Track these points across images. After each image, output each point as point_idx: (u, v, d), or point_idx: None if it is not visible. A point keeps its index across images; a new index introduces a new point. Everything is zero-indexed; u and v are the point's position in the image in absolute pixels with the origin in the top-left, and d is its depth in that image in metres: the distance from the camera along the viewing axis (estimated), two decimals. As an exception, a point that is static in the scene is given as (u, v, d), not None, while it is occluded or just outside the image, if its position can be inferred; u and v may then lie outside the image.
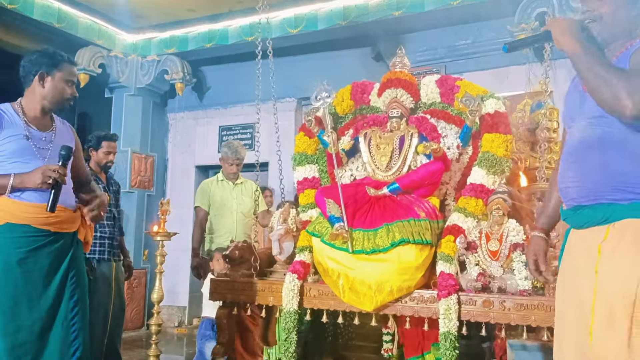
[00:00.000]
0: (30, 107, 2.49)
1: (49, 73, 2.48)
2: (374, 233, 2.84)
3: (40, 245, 2.41)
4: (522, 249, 2.69)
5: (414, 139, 3.20)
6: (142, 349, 5.53)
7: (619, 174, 1.64)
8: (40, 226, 2.40)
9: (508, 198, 2.85)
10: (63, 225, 2.48)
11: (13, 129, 2.40)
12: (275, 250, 3.30)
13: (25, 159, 2.39)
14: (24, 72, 2.50)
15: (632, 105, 1.52)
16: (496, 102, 3.13)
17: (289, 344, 2.99)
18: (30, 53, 2.54)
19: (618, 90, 1.54)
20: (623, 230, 1.61)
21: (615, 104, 1.55)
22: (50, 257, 2.44)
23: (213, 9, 6.37)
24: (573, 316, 1.72)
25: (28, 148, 2.42)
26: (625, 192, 1.62)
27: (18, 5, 5.64)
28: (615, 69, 1.61)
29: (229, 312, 3.28)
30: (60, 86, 2.51)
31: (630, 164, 1.62)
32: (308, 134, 3.55)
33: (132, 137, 7.13)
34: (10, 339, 2.30)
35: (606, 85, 1.57)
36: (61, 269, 2.48)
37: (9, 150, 2.38)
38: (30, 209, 2.37)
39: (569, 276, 1.80)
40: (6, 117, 2.42)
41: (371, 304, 2.77)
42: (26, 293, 2.35)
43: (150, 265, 6.91)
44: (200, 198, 4.60)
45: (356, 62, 6.49)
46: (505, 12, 5.32)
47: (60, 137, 2.56)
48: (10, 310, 2.31)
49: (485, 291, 2.68)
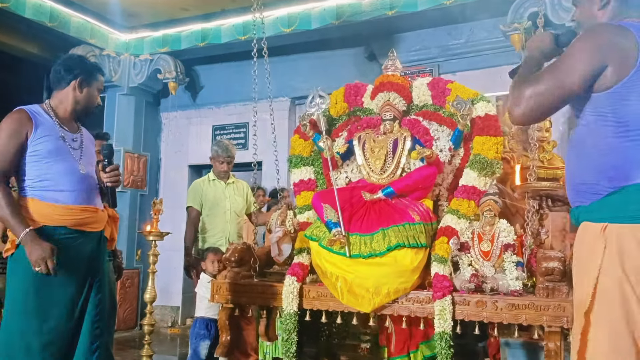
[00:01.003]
0: (61, 109, 2.58)
1: (88, 81, 2.60)
2: (370, 237, 2.92)
3: (74, 245, 2.47)
4: (512, 249, 2.78)
5: (407, 142, 3.27)
6: (135, 349, 5.51)
7: (578, 176, 1.69)
8: (74, 227, 2.47)
9: (499, 199, 2.93)
10: (94, 225, 2.56)
11: (47, 129, 2.47)
12: (274, 252, 3.38)
13: (58, 158, 2.46)
14: (59, 76, 2.58)
15: (513, 113, 1.63)
16: (486, 105, 3.21)
17: (289, 344, 3.07)
18: (65, 59, 2.65)
19: (511, 96, 1.65)
20: (581, 234, 1.68)
21: (508, 109, 1.66)
22: (83, 257, 2.52)
23: (206, 8, 6.36)
24: None
25: (63, 148, 2.50)
26: (586, 193, 1.65)
27: (10, 4, 5.61)
28: (523, 76, 1.68)
29: (231, 313, 3.35)
30: (94, 94, 2.65)
31: (585, 165, 1.66)
32: (303, 137, 3.60)
33: (125, 137, 7.11)
34: (44, 339, 2.37)
35: (510, 93, 1.67)
36: (92, 268, 2.56)
37: (45, 150, 2.44)
38: (65, 211, 2.44)
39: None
40: (40, 117, 2.47)
41: (369, 306, 2.86)
42: (60, 293, 2.42)
43: (143, 265, 6.89)
44: (192, 198, 4.59)
45: (349, 62, 6.50)
46: (498, 12, 5.35)
47: (87, 140, 2.66)
48: (45, 311, 2.37)
49: (478, 291, 2.76)
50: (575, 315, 1.61)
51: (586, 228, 1.64)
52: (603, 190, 1.60)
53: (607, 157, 1.59)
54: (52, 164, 2.44)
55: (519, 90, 1.61)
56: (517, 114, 1.61)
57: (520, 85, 1.62)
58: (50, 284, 2.37)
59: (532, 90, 1.59)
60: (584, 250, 1.64)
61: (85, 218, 2.50)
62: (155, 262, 4.01)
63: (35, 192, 2.42)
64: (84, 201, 2.51)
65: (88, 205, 2.53)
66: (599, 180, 1.61)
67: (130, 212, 7.03)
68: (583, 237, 1.66)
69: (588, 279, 1.57)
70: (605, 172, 1.60)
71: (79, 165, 2.52)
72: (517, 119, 1.62)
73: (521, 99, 1.59)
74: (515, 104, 1.61)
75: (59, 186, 2.44)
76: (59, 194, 2.43)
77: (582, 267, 1.63)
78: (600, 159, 1.61)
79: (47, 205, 2.41)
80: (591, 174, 1.63)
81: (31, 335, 2.35)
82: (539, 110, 1.61)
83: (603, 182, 1.60)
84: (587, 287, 1.57)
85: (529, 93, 1.59)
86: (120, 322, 6.54)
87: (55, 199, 2.42)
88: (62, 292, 2.42)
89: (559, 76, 1.59)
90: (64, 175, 2.46)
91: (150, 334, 3.99)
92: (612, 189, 1.58)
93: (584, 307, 1.56)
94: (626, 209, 1.55)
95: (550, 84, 1.59)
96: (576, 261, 1.68)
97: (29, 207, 2.40)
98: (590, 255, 1.59)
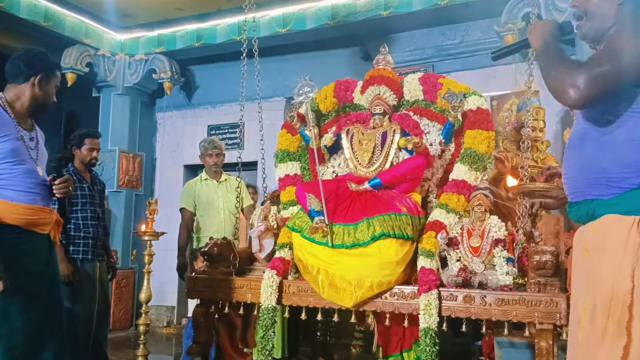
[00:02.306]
0: (18, 105, 2.50)
1: (47, 78, 2.54)
2: (354, 227, 2.84)
3: (27, 246, 2.42)
4: (503, 244, 2.70)
5: (397, 135, 3.21)
6: (131, 349, 5.50)
7: (599, 169, 1.66)
8: (27, 227, 2.41)
9: (490, 194, 2.86)
10: (45, 226, 2.50)
11: (6, 127, 2.40)
12: (255, 248, 3.27)
13: (18, 160, 2.40)
14: (16, 70, 2.50)
15: (573, 94, 1.57)
16: (478, 99, 3.16)
17: (265, 341, 2.95)
18: (25, 53, 2.57)
19: (562, 79, 1.59)
20: (604, 227, 1.63)
21: (560, 93, 1.61)
22: (36, 258, 2.46)
23: (201, 7, 6.35)
24: (574, 312, 1.75)
25: (22, 149, 2.44)
26: (607, 187, 1.64)
27: (4, 4, 5.59)
28: (566, 59, 1.66)
29: (206, 310, 3.23)
30: (51, 91, 2.58)
31: (610, 159, 1.64)
32: (290, 131, 3.56)
33: (120, 137, 7.09)
34: (4, 341, 2.30)
35: (554, 75, 1.63)
36: (47, 269, 2.51)
37: (5, 150, 2.38)
38: (21, 210, 2.38)
39: (574, 272, 1.82)
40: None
41: (351, 300, 2.75)
42: (16, 294, 2.34)
43: (139, 265, 6.88)
44: (185, 199, 4.59)
45: (344, 62, 6.50)
46: (492, 12, 5.36)
47: (41, 139, 2.59)
48: (3, 313, 2.31)
49: (466, 287, 2.68)
50: (612, 310, 1.56)
51: (609, 220, 1.62)
52: (630, 184, 1.60)
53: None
54: (12, 165, 2.38)
55: (571, 73, 1.58)
56: (577, 95, 1.57)
57: (572, 70, 1.60)
58: (9, 285, 2.30)
59: (595, 73, 1.57)
60: (609, 243, 1.60)
61: (39, 219, 2.45)
62: (150, 262, 4.01)
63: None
64: (40, 202, 2.47)
65: (44, 206, 2.50)
66: (628, 174, 1.60)
67: (125, 212, 7.02)
68: (606, 229, 1.62)
69: (623, 272, 1.55)
70: (637, 167, 1.60)
71: (36, 167, 2.48)
72: (576, 100, 1.58)
73: (580, 81, 1.56)
74: (571, 86, 1.57)
75: (17, 186, 2.39)
76: (16, 193, 2.38)
77: (610, 260, 1.59)
78: (632, 154, 1.60)
79: (4, 202, 2.35)
80: (618, 168, 1.62)
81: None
82: (601, 93, 1.58)
83: (633, 176, 1.60)
84: (624, 280, 1.54)
85: (591, 75, 1.56)
86: (115, 322, 6.53)
87: (12, 197, 2.37)
88: (17, 291, 2.33)
89: (622, 64, 1.58)
90: (23, 176, 2.41)
91: (145, 334, 3.99)
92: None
93: (626, 301, 1.53)
94: None
95: (615, 70, 1.58)
96: (597, 254, 1.63)
97: None
98: (621, 249, 1.56)
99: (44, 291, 2.47)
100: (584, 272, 1.69)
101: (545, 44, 1.72)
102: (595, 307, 1.60)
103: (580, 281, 1.72)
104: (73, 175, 3.74)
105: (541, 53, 1.72)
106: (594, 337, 1.59)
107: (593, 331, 1.60)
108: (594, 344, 1.59)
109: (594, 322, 1.60)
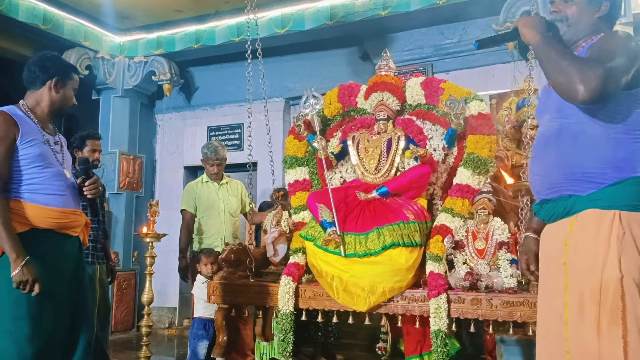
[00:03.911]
0: (39, 110, 2.53)
1: (64, 81, 2.55)
2: (365, 237, 2.94)
3: (60, 249, 2.46)
4: (507, 247, 2.79)
5: (401, 141, 3.29)
6: (133, 350, 5.51)
7: (576, 165, 1.70)
8: (60, 230, 2.45)
9: (493, 197, 2.94)
10: (76, 228, 2.55)
11: (31, 133, 2.43)
12: (270, 253, 3.39)
13: (46, 163, 2.43)
14: (33, 75, 2.53)
15: (584, 89, 1.58)
16: (479, 104, 3.22)
17: (286, 344, 3.08)
18: (39, 58, 2.59)
19: (571, 75, 1.61)
20: (585, 221, 1.67)
21: (569, 88, 1.62)
22: (68, 261, 2.50)
23: (200, 9, 6.36)
24: (549, 308, 1.77)
25: (49, 152, 2.47)
26: (584, 182, 1.68)
27: (2, 7, 5.59)
28: (572, 55, 1.69)
29: (228, 313, 3.36)
30: (70, 94, 2.61)
31: (587, 155, 1.68)
32: (298, 137, 3.62)
33: (120, 139, 7.10)
34: (36, 343, 2.31)
35: (560, 71, 1.65)
36: (77, 271, 2.55)
37: (32, 155, 2.40)
38: (54, 214, 2.42)
39: (544, 270, 1.86)
40: (22, 120, 2.42)
41: (364, 305, 2.88)
42: (50, 297, 2.37)
43: (140, 267, 6.89)
44: (186, 201, 4.60)
45: (343, 62, 6.51)
46: (490, 11, 5.37)
47: (64, 142, 2.64)
48: (36, 315, 2.32)
49: (473, 289, 2.79)
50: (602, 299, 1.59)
51: (590, 215, 1.65)
52: (608, 179, 1.65)
53: (617, 149, 1.66)
54: (41, 169, 2.41)
55: (580, 68, 1.60)
56: (589, 90, 1.58)
57: (582, 65, 1.62)
58: (41, 288, 2.32)
59: (608, 69, 1.59)
60: (592, 235, 1.64)
61: (71, 221, 2.49)
62: (152, 264, 4.03)
63: (24, 194, 2.38)
64: (71, 205, 2.51)
65: (75, 209, 2.53)
66: (605, 169, 1.65)
67: (126, 214, 7.03)
68: (588, 223, 1.66)
69: (610, 263, 1.59)
70: (614, 163, 1.65)
71: (64, 170, 2.51)
72: (589, 95, 1.59)
73: (591, 77, 1.58)
74: (582, 81, 1.58)
75: (48, 190, 2.42)
76: (48, 197, 2.41)
77: (594, 251, 1.62)
78: (609, 150, 1.66)
79: (36, 207, 2.38)
80: (595, 164, 1.66)
81: (24, 341, 2.28)
82: (611, 88, 1.61)
83: (610, 172, 1.65)
84: (612, 271, 1.58)
85: (605, 71, 1.59)
86: (117, 324, 6.54)
87: (45, 202, 2.40)
88: (50, 294, 2.36)
89: (628, 62, 1.63)
90: (52, 180, 2.44)
91: (147, 335, 4.01)
92: (619, 178, 1.64)
93: (617, 291, 1.57)
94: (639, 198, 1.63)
95: (624, 68, 1.62)
96: (580, 247, 1.66)
97: (18, 208, 2.35)
98: (605, 240, 1.60)
99: (74, 294, 2.50)
100: (560, 267, 1.71)
101: (543, 37, 1.75)
102: (584, 298, 1.63)
103: (555, 276, 1.74)
104: (73, 177, 3.75)
105: (539, 47, 1.74)
106: (586, 329, 1.62)
107: (584, 323, 1.63)
108: (590, 336, 1.61)
109: (584, 314, 1.63)
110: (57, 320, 2.40)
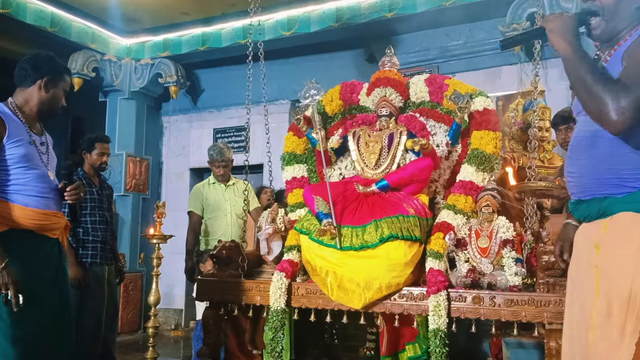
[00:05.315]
0: (27, 109, 2.49)
1: (55, 81, 2.51)
2: (362, 229, 2.83)
3: (40, 251, 2.43)
4: (512, 245, 2.68)
5: (403, 136, 3.20)
6: (139, 352, 5.52)
7: (611, 170, 1.66)
8: (40, 232, 2.42)
9: (497, 195, 2.85)
10: (56, 231, 2.51)
11: (18, 132, 2.39)
12: (263, 250, 3.27)
13: (31, 164, 2.40)
14: (24, 73, 2.49)
15: (618, 123, 1.53)
16: (485, 100, 3.14)
17: (275, 343, 2.95)
18: (32, 56, 2.55)
19: (604, 105, 1.55)
20: (618, 224, 1.63)
21: (602, 118, 1.57)
22: (48, 263, 2.47)
23: (206, 12, 6.39)
24: (577, 311, 1.73)
25: (35, 154, 2.43)
26: (619, 186, 1.64)
27: (11, 10, 5.64)
28: (603, 78, 1.60)
29: (216, 312, 3.23)
30: (60, 95, 2.56)
31: (623, 159, 1.64)
32: (297, 134, 3.56)
33: (127, 141, 7.13)
34: (20, 345, 2.29)
35: (593, 98, 1.58)
36: (58, 274, 2.52)
37: (17, 155, 2.36)
38: (35, 215, 2.38)
39: (574, 271, 1.81)
40: (9, 119, 2.39)
41: (360, 302, 2.74)
42: (30, 299, 2.33)
43: (146, 269, 6.91)
44: (193, 202, 4.60)
45: (349, 64, 6.52)
46: (496, 13, 5.37)
47: (50, 142, 2.59)
48: (17, 317, 2.29)
49: (475, 287, 2.66)
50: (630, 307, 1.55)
51: (625, 218, 1.62)
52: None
53: None
54: (26, 170, 2.38)
55: (614, 96, 1.53)
56: (621, 121, 1.53)
57: (614, 92, 1.55)
58: (22, 290, 2.27)
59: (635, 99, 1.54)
60: (625, 240, 1.60)
61: (52, 223, 2.46)
62: (159, 265, 4.03)
63: (5, 194, 2.34)
64: (53, 207, 2.48)
65: (57, 211, 2.50)
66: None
67: (132, 216, 7.06)
68: (621, 227, 1.62)
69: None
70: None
71: (48, 172, 2.48)
72: (621, 126, 1.54)
73: (623, 106, 1.52)
74: (615, 110, 1.53)
75: (31, 192, 2.38)
76: (30, 199, 2.37)
77: (626, 257, 1.58)
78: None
79: (16, 207, 2.34)
80: (631, 169, 1.63)
81: (7, 343, 2.25)
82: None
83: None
84: None
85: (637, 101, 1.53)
86: (123, 325, 6.56)
87: (27, 203, 2.36)
88: (30, 296, 2.31)
89: None
90: (36, 181, 2.40)
91: (154, 337, 4.01)
92: None
93: (625, 300, 1.54)
94: None
95: None
96: (612, 251, 1.63)
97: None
98: (637, 247, 1.57)
99: (56, 295, 2.48)
100: (591, 269, 1.67)
101: (572, 48, 1.65)
102: (612, 305, 1.59)
103: (585, 278, 1.70)
104: (82, 179, 3.77)
105: (569, 61, 1.65)
106: (610, 335, 1.58)
107: (610, 329, 1.59)
108: (613, 342, 1.58)
109: (611, 320, 1.59)
110: (39, 322, 2.36)
